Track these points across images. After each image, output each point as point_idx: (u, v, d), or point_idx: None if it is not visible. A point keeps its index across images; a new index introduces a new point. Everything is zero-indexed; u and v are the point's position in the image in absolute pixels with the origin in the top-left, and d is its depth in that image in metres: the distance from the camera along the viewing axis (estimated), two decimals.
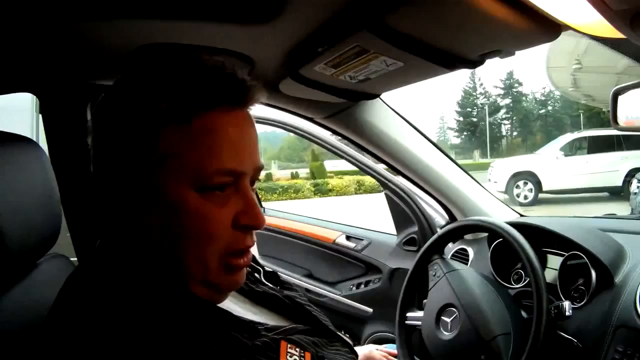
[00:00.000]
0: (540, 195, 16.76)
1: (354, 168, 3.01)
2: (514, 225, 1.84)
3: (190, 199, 0.89)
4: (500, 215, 2.50)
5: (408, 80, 1.75)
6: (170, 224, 0.91)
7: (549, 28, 1.20)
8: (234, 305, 1.09)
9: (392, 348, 2.01)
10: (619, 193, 15.88)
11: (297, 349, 0.99)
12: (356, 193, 25.25)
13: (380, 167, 2.86)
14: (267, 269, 1.31)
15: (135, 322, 0.83)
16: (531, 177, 16.75)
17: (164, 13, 1.34)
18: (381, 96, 2.12)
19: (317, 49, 1.48)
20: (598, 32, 1.14)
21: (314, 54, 1.51)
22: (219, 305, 0.99)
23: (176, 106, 0.88)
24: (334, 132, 2.36)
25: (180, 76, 0.92)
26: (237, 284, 0.99)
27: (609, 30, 1.05)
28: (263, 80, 1.85)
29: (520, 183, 16.80)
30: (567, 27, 1.19)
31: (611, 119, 1.30)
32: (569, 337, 1.69)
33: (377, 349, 1.90)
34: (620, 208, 13.01)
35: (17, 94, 1.85)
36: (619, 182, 15.91)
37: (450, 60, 1.44)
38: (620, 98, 1.30)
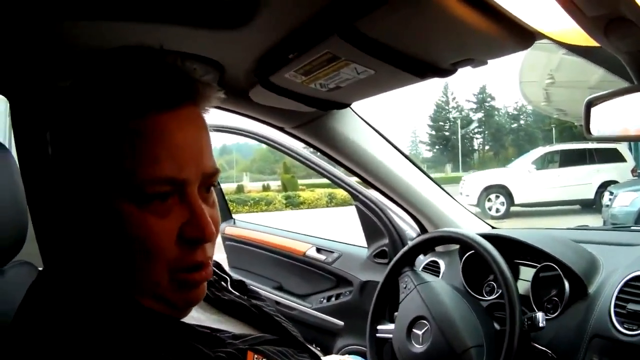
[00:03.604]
0: (512, 209, 16.90)
1: (326, 181, 2.99)
2: (486, 236, 1.83)
3: (128, 212, 0.84)
4: (471, 227, 2.49)
5: (379, 89, 1.73)
6: (113, 239, 0.86)
7: (522, 36, 1.20)
8: (197, 313, 1.05)
9: (355, 359, 2.00)
10: (591, 206, 16.10)
11: None
12: (327, 206, 25.22)
13: (352, 180, 2.83)
14: (234, 277, 1.27)
15: (87, 337, 0.79)
16: (503, 190, 16.89)
17: (136, 15, 1.32)
18: (352, 106, 2.11)
19: (288, 56, 1.46)
20: (572, 40, 1.13)
21: (285, 60, 1.49)
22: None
23: (110, 113, 0.83)
24: (304, 142, 2.34)
25: (115, 81, 0.86)
26: (195, 300, 0.94)
27: (583, 39, 1.04)
28: (233, 87, 1.84)
29: (492, 196, 16.91)
30: (541, 36, 1.18)
31: (584, 129, 1.29)
32: (543, 348, 1.69)
33: (341, 359, 1.88)
34: (593, 220, 13.10)
35: None
36: (591, 195, 16.15)
37: (421, 69, 1.43)
38: (593, 108, 1.29)
